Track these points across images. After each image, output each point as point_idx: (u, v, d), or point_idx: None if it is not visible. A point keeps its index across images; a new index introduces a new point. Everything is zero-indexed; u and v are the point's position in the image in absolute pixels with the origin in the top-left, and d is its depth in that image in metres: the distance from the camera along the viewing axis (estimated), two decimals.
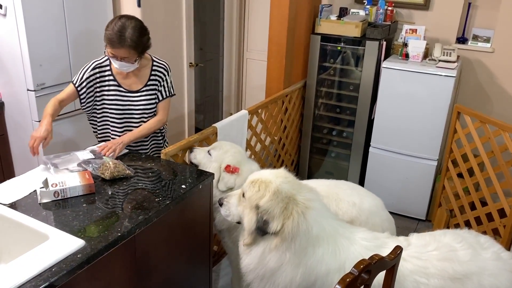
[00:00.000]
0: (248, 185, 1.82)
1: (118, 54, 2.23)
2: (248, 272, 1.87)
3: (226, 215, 1.94)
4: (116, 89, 2.40)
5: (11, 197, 1.84)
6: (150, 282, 1.89)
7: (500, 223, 2.90)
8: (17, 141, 3.10)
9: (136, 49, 2.24)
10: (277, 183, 1.77)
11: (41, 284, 1.38)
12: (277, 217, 1.72)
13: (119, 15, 2.29)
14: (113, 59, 2.28)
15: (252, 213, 1.77)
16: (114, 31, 2.18)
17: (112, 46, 2.21)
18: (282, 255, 1.75)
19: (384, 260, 1.37)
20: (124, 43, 2.19)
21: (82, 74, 2.37)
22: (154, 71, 2.44)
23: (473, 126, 3.03)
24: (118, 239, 1.63)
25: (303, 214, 1.72)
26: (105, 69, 2.39)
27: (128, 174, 2.03)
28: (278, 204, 1.74)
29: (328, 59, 3.68)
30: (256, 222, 1.76)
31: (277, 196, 1.75)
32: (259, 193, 1.77)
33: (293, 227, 1.71)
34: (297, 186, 1.83)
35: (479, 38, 3.59)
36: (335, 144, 3.94)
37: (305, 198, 1.77)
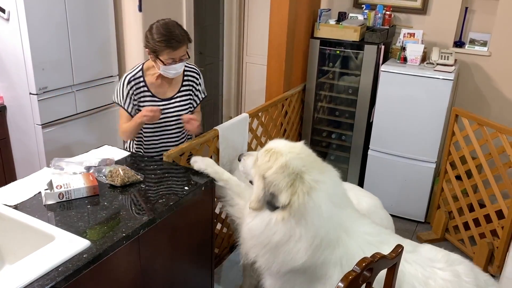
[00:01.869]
0: (262, 152, 1.80)
1: (179, 54, 2.20)
2: (249, 237, 1.83)
3: (242, 171, 1.97)
4: (151, 99, 2.37)
5: (16, 198, 1.86)
6: (154, 282, 1.91)
7: (498, 224, 2.93)
8: (19, 144, 3.12)
9: (189, 40, 2.24)
10: (287, 158, 1.72)
11: (48, 283, 1.40)
12: (284, 191, 1.68)
13: (152, 24, 2.23)
14: (171, 66, 2.22)
15: (260, 181, 1.75)
16: (167, 33, 2.15)
17: (174, 48, 2.17)
18: (291, 230, 1.70)
19: (385, 259, 1.40)
20: (182, 39, 2.19)
21: (122, 92, 2.33)
22: (186, 76, 2.43)
23: (471, 129, 3.07)
24: (123, 240, 1.65)
25: (308, 194, 1.68)
26: (139, 81, 2.33)
27: (137, 179, 2.04)
28: (284, 179, 1.69)
29: (327, 63, 3.72)
30: (264, 196, 1.73)
31: (283, 170, 1.70)
32: (268, 164, 1.74)
33: (299, 204, 1.67)
34: (309, 164, 1.76)
35: (476, 42, 3.63)
36: (334, 147, 3.97)
37: (313, 178, 1.70)
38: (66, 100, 3.09)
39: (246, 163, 1.94)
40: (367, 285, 1.37)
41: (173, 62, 2.22)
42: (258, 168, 1.78)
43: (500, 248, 2.90)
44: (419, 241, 3.39)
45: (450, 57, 3.38)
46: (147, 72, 2.35)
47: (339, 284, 1.28)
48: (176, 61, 2.22)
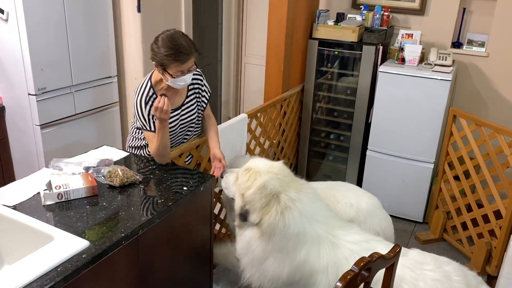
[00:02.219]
0: (242, 171, 1.90)
1: (187, 66, 2.14)
2: (241, 257, 1.97)
3: (224, 188, 2.08)
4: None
5: (14, 199, 1.86)
6: (153, 283, 1.91)
7: (496, 224, 2.94)
8: (18, 145, 3.12)
9: (197, 51, 2.18)
10: (265, 178, 1.83)
11: (47, 283, 1.40)
12: (257, 211, 1.81)
13: (157, 36, 2.16)
14: (179, 78, 2.16)
15: (239, 199, 1.88)
16: (174, 46, 2.08)
17: (183, 60, 2.10)
18: (266, 247, 1.85)
19: (383, 258, 1.40)
20: (190, 51, 2.12)
21: (143, 116, 2.23)
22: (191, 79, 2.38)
23: (469, 129, 3.08)
24: (121, 240, 1.65)
25: (281, 213, 1.79)
26: (153, 98, 2.23)
27: (136, 179, 2.05)
28: (260, 200, 1.81)
29: (326, 64, 3.73)
30: (240, 209, 1.87)
31: (261, 191, 1.82)
32: (247, 183, 1.86)
33: (269, 223, 1.80)
34: (286, 184, 1.87)
35: (474, 42, 3.65)
36: (333, 148, 3.98)
37: (288, 197, 1.83)
38: (65, 101, 3.09)
39: (228, 180, 2.04)
40: (365, 284, 1.37)
41: (182, 74, 2.16)
42: (238, 186, 1.90)
43: (498, 248, 2.91)
44: (417, 242, 3.42)
45: (448, 57, 3.39)
46: (156, 87, 2.27)
47: (337, 284, 1.29)
48: (185, 73, 2.17)
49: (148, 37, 3.36)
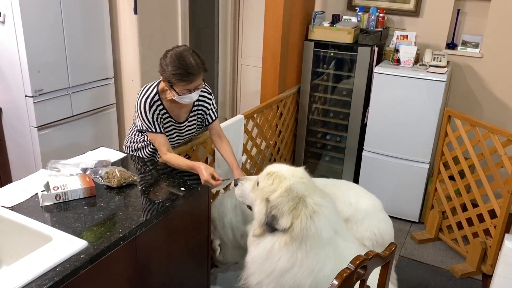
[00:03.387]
0: (264, 175, 1.82)
1: (195, 84, 2.11)
2: (253, 265, 1.85)
3: (239, 196, 1.98)
4: (171, 123, 2.33)
5: (12, 200, 1.87)
6: (151, 283, 1.93)
7: (491, 223, 2.96)
8: (15, 147, 3.12)
9: (205, 70, 2.14)
10: (291, 181, 1.77)
11: (46, 283, 1.41)
12: (286, 214, 1.71)
13: (167, 52, 2.13)
14: (185, 95, 2.13)
15: (262, 205, 1.78)
16: (182, 66, 2.04)
17: (189, 81, 2.07)
18: (294, 255, 1.73)
19: (379, 257, 1.42)
20: (198, 71, 2.08)
21: (147, 118, 2.22)
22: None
23: (464, 129, 3.11)
24: (120, 240, 1.66)
25: (311, 217, 1.72)
26: (158, 104, 2.24)
27: (134, 180, 2.06)
28: (288, 202, 1.73)
29: (322, 65, 3.76)
30: (266, 217, 1.75)
31: (288, 193, 1.74)
32: (271, 187, 1.77)
33: (302, 228, 1.70)
34: (311, 189, 1.81)
35: (468, 43, 3.68)
36: (329, 148, 4.00)
37: (315, 202, 1.76)
38: (62, 102, 3.10)
39: (245, 187, 1.94)
40: (361, 282, 1.39)
41: (188, 92, 2.13)
42: (260, 191, 1.80)
43: (493, 247, 2.94)
44: (413, 241, 3.44)
45: (443, 58, 3.42)
46: (162, 95, 2.24)
47: (334, 282, 1.30)
48: (192, 91, 2.14)
49: (145, 39, 3.38)
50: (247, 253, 1.93)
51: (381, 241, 2.34)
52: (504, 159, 2.83)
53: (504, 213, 2.84)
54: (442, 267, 3.14)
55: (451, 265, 3.14)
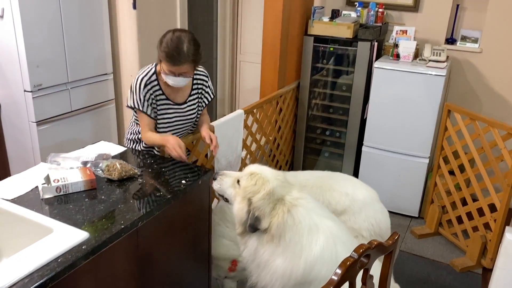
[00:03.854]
0: (247, 175, 1.89)
1: (178, 70, 2.15)
2: (247, 263, 1.96)
3: (216, 189, 2.04)
4: (166, 103, 2.33)
5: (12, 193, 1.86)
6: (152, 274, 1.92)
7: (491, 217, 2.97)
8: (14, 142, 3.11)
9: (195, 62, 2.18)
10: (274, 185, 1.85)
11: (48, 273, 1.40)
12: (267, 216, 1.82)
13: (170, 30, 2.18)
14: (169, 76, 2.18)
15: (244, 204, 1.86)
16: (172, 47, 2.09)
17: (174, 63, 2.12)
18: (276, 249, 1.84)
19: (382, 246, 1.42)
20: (185, 58, 2.11)
21: (139, 96, 2.26)
22: (195, 79, 2.41)
23: (463, 123, 3.11)
24: (121, 232, 1.66)
25: (289, 211, 1.82)
26: (154, 84, 2.28)
27: (134, 173, 2.05)
28: (269, 204, 1.83)
29: (321, 60, 3.75)
30: (248, 219, 1.84)
31: (269, 196, 1.83)
32: (255, 187, 1.85)
33: (278, 224, 1.81)
34: (288, 188, 1.91)
35: (467, 39, 3.68)
36: (329, 144, 4.00)
37: (292, 197, 1.86)
38: (61, 98, 3.08)
39: (223, 181, 2.01)
40: (364, 271, 1.39)
41: (172, 74, 2.18)
42: (242, 189, 1.88)
43: (493, 241, 2.94)
44: (413, 236, 3.45)
45: (442, 53, 3.43)
46: (159, 76, 2.29)
47: (337, 270, 1.30)
48: (176, 75, 2.18)
49: (144, 34, 3.37)
50: (240, 250, 2.01)
51: (379, 232, 2.36)
52: (504, 153, 2.83)
53: (504, 206, 2.85)
54: (442, 261, 3.15)
55: (451, 259, 3.14)
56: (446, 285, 2.90)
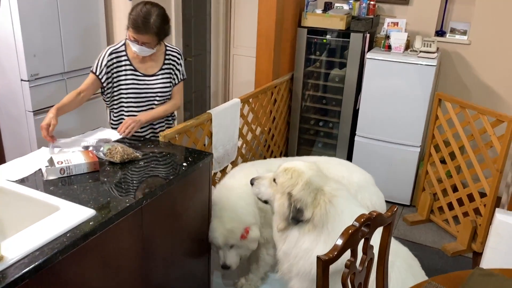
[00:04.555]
0: (281, 172, 1.92)
1: (141, 39, 2.27)
2: (285, 257, 1.97)
3: (256, 193, 2.07)
4: (132, 73, 2.42)
5: (17, 174, 1.89)
6: (156, 255, 1.95)
7: (481, 202, 3.06)
8: (10, 132, 3.11)
9: (158, 35, 2.29)
10: (309, 174, 1.89)
11: (58, 247, 1.43)
12: (309, 207, 1.85)
13: (143, 1, 2.31)
14: (133, 43, 2.30)
15: (284, 199, 1.88)
16: (139, 16, 2.22)
17: (137, 31, 2.25)
18: (318, 237, 1.87)
19: (382, 217, 1.48)
20: (149, 29, 2.23)
21: (101, 61, 2.38)
22: (168, 55, 2.50)
23: (454, 112, 3.20)
24: (126, 210, 1.69)
25: (330, 201, 1.86)
26: (121, 54, 2.41)
27: (136, 156, 2.08)
28: (309, 194, 1.86)
29: (314, 52, 3.81)
30: (290, 212, 1.87)
31: (308, 186, 1.87)
32: (291, 181, 1.88)
33: (321, 214, 1.85)
34: (326, 179, 1.96)
35: (456, 31, 3.78)
36: (322, 135, 4.07)
37: (331, 188, 1.90)
38: (57, 87, 3.10)
39: (261, 184, 2.05)
40: (365, 240, 1.44)
41: (135, 41, 2.29)
42: (280, 186, 1.91)
43: (483, 226, 3.03)
44: (405, 223, 3.52)
45: (433, 44, 3.51)
46: (128, 48, 2.41)
47: (340, 237, 1.35)
48: (138, 43, 2.29)
49: None
50: (277, 249, 2.04)
51: None
52: (493, 139, 2.92)
53: (493, 191, 2.93)
54: (434, 246, 3.23)
55: (442, 244, 3.22)
56: (438, 269, 2.98)
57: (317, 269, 1.29)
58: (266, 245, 2.58)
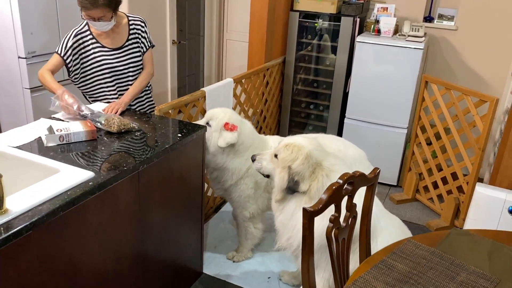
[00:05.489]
0: (282, 147, 2.00)
1: (94, 15, 2.34)
2: (282, 227, 2.05)
3: (258, 168, 2.15)
4: (100, 50, 2.50)
5: (17, 141, 1.96)
6: (151, 219, 2.04)
7: (464, 180, 3.18)
8: (7, 110, 3.17)
9: (109, 6, 2.36)
10: (309, 148, 1.97)
11: (59, 203, 1.52)
12: (306, 179, 1.92)
13: None
14: (91, 21, 2.38)
15: (284, 172, 1.96)
16: None
17: (86, 9, 2.32)
18: None
19: (365, 176, 1.58)
20: (96, 3, 2.29)
21: (66, 42, 2.46)
22: (131, 25, 2.57)
23: (439, 93, 3.31)
24: (124, 173, 1.78)
25: (327, 176, 1.93)
26: (86, 34, 2.48)
27: (132, 127, 2.17)
28: (308, 168, 1.93)
29: (306, 36, 3.90)
30: (287, 182, 1.94)
31: (308, 160, 1.94)
32: (292, 155, 1.96)
33: (318, 188, 1.92)
34: (325, 154, 2.03)
35: (444, 17, 3.88)
36: (313, 118, 4.17)
37: (330, 163, 1.98)
38: None
39: (263, 159, 2.13)
40: (349, 198, 1.55)
41: (91, 19, 2.36)
42: (281, 161, 1.98)
43: (466, 203, 3.15)
44: (392, 202, 3.64)
45: (420, 29, 3.61)
46: (91, 28, 2.49)
47: (322, 196, 1.45)
48: (95, 20, 2.36)
49: (133, 11, 3.46)
50: (275, 220, 2.12)
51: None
52: (476, 119, 3.03)
53: (475, 169, 3.06)
54: (418, 223, 3.35)
55: (427, 221, 3.35)
56: None
57: (303, 219, 1.39)
58: (253, 220, 2.69)
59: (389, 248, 1.60)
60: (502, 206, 2.46)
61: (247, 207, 2.62)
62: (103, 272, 1.80)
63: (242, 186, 2.55)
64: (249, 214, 2.64)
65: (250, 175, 2.53)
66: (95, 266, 1.75)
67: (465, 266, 1.52)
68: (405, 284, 1.41)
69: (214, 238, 3.04)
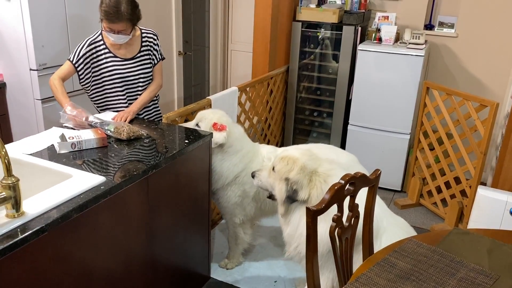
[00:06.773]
0: (278, 160, 2.06)
1: (116, 28, 2.41)
2: (290, 238, 2.10)
3: (258, 185, 2.21)
4: (112, 60, 2.58)
5: (31, 149, 2.04)
6: (160, 223, 2.11)
7: (467, 184, 3.22)
8: (19, 120, 3.26)
9: (132, 21, 2.45)
10: (303, 160, 2.03)
11: (73, 206, 1.59)
12: (305, 187, 1.98)
13: None
14: (109, 33, 2.45)
15: (282, 184, 2.01)
16: (110, 7, 2.35)
17: (110, 21, 2.38)
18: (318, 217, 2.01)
19: (366, 177, 1.64)
20: (121, 17, 2.37)
21: (79, 51, 2.54)
22: (144, 37, 2.66)
23: (441, 99, 3.36)
24: (134, 178, 1.85)
25: (325, 181, 1.99)
26: (99, 44, 2.55)
27: (141, 134, 2.24)
28: (305, 177, 1.99)
29: (309, 45, 3.98)
30: (286, 192, 2.00)
31: (303, 170, 2.00)
32: (287, 167, 2.02)
33: (318, 194, 1.97)
34: (319, 161, 2.09)
35: (444, 24, 3.95)
36: (317, 125, 4.23)
37: (325, 168, 2.04)
38: None
39: (262, 175, 2.19)
40: (351, 198, 1.60)
41: (111, 31, 2.43)
42: (278, 173, 2.05)
43: (469, 206, 3.18)
44: (396, 207, 3.68)
45: (421, 37, 3.68)
46: (105, 38, 2.56)
47: (325, 196, 1.51)
48: (115, 32, 2.43)
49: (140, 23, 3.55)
50: (283, 233, 2.16)
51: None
52: (477, 123, 3.08)
53: (478, 173, 3.10)
54: (423, 227, 3.39)
55: (431, 225, 3.38)
56: None
57: (307, 218, 1.45)
58: (243, 226, 2.77)
59: (391, 246, 1.65)
60: (504, 208, 2.50)
61: (236, 214, 2.69)
62: (114, 274, 1.87)
63: (229, 193, 2.60)
64: (239, 220, 2.71)
65: (238, 183, 2.58)
66: (106, 268, 1.82)
67: (465, 263, 1.57)
68: (406, 281, 1.46)
69: (221, 244, 3.10)
